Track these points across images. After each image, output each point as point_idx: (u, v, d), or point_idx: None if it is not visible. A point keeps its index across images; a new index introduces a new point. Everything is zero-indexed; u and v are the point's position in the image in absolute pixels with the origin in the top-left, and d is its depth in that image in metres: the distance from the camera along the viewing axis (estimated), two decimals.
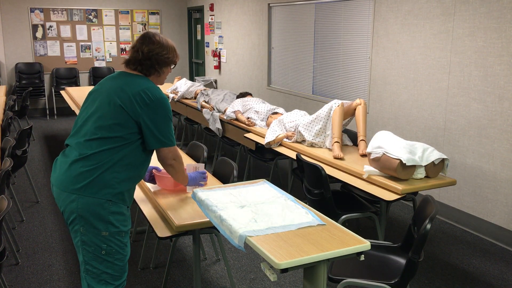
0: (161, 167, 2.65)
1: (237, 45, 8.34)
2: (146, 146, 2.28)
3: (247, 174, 5.36)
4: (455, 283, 3.34)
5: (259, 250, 1.79)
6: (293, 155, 3.94)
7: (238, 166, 3.37)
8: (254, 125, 4.94)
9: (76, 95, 6.94)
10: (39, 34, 9.45)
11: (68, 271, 3.48)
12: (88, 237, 2.16)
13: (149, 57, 2.31)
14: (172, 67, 2.44)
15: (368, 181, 3.25)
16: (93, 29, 9.82)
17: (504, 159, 3.87)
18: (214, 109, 5.81)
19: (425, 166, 3.13)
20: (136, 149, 2.25)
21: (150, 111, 2.21)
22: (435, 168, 3.17)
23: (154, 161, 2.83)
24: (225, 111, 5.44)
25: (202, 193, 2.34)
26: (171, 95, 6.99)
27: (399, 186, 3.02)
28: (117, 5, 9.92)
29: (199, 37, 10.25)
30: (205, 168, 2.94)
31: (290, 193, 3.69)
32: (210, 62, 9.62)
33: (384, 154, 3.12)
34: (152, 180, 2.92)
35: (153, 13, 10.30)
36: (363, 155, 3.67)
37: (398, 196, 3.01)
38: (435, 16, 4.35)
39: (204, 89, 6.55)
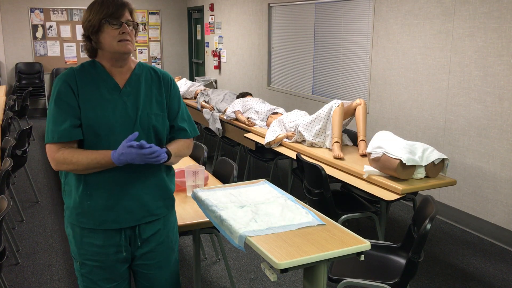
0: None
1: (237, 45, 8.34)
2: None
3: (247, 174, 5.36)
4: (455, 283, 3.34)
5: (259, 250, 1.79)
6: (293, 155, 3.94)
7: (238, 166, 3.37)
8: (254, 125, 4.94)
9: None
10: (39, 34, 9.45)
11: (68, 271, 3.48)
12: None
13: (84, 34, 1.87)
14: (109, 23, 1.80)
15: (368, 181, 3.25)
16: None
17: (504, 159, 3.86)
18: (214, 109, 5.81)
19: (425, 166, 3.13)
20: None
21: None
22: (435, 168, 3.17)
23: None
24: (225, 111, 5.44)
25: (202, 193, 2.34)
26: None
27: (399, 186, 3.02)
28: None
29: (199, 37, 10.25)
30: (205, 168, 2.94)
31: (290, 193, 3.69)
32: (210, 62, 9.62)
33: (384, 154, 3.12)
34: None
35: (153, 13, 10.30)
36: (363, 155, 3.67)
37: (398, 196, 3.01)
38: (435, 16, 4.35)
39: (204, 89, 6.55)
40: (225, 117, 5.35)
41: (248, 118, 5.02)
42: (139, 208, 1.89)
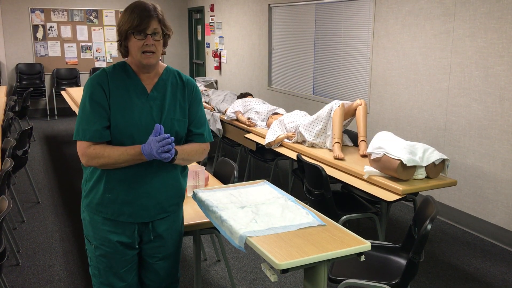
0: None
1: (238, 46, 8.34)
2: None
3: (247, 174, 5.36)
4: (455, 283, 3.34)
5: (260, 251, 1.79)
6: (293, 155, 3.94)
7: (238, 167, 3.37)
8: (255, 125, 4.94)
9: (77, 96, 6.94)
10: (39, 34, 9.45)
11: (69, 272, 3.48)
12: None
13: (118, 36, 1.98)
14: (134, 34, 1.88)
15: (369, 181, 3.25)
16: (94, 30, 9.82)
17: (504, 160, 3.86)
18: (214, 110, 5.81)
19: (425, 166, 3.13)
20: None
21: None
22: (435, 169, 3.17)
23: None
24: (225, 111, 5.45)
25: (203, 193, 2.34)
26: None
27: (399, 187, 3.02)
28: (117, 5, 9.92)
29: (199, 38, 10.25)
30: (206, 169, 2.94)
31: (290, 194, 3.68)
32: (210, 62, 9.62)
33: (384, 154, 3.12)
34: None
35: None
36: (364, 156, 3.67)
37: (399, 197, 3.01)
38: (435, 16, 4.35)
39: (205, 90, 6.55)
40: (225, 118, 5.35)
41: (249, 118, 5.02)
42: (155, 206, 2.02)
